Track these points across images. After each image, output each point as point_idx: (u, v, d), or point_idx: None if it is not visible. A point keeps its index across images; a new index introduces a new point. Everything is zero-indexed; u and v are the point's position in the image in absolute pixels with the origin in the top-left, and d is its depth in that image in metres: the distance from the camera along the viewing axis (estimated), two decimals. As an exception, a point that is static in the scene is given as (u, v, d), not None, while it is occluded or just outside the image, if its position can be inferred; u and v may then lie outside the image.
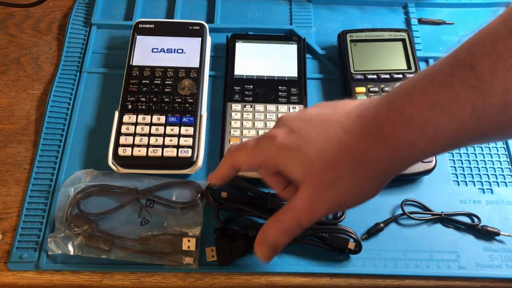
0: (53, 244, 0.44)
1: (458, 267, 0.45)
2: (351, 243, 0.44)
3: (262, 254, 0.36)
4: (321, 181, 0.32)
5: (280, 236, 0.35)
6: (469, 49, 0.28)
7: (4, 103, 0.55)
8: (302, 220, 0.34)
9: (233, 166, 0.38)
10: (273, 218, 0.35)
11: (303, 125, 0.34)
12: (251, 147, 0.36)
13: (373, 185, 0.33)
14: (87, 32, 0.59)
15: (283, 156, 0.34)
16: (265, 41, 0.56)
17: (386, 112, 0.31)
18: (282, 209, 0.35)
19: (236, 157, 0.37)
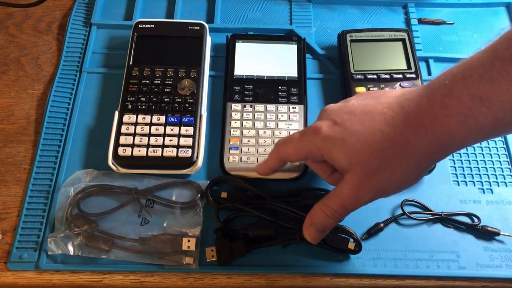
0: (53, 244, 0.44)
1: (458, 267, 0.45)
2: (351, 243, 0.44)
3: (310, 236, 0.39)
4: (366, 169, 0.35)
5: (327, 219, 0.38)
6: (509, 42, 0.29)
7: (4, 103, 0.55)
8: (348, 205, 0.37)
9: (281, 158, 0.41)
10: (320, 203, 0.38)
11: (347, 117, 0.36)
12: (298, 140, 0.39)
13: (415, 172, 0.35)
14: (87, 32, 0.59)
15: (329, 147, 0.36)
16: (265, 41, 0.56)
17: (427, 103, 0.32)
18: (329, 195, 0.37)
19: (284, 150, 0.40)
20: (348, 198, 0.36)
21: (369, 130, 0.35)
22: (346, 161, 0.36)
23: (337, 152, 0.36)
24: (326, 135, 0.37)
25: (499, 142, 0.52)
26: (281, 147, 0.41)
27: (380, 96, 0.37)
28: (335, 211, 0.37)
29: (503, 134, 0.35)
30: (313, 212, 0.38)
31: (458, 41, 0.59)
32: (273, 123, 0.50)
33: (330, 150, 0.36)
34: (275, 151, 0.42)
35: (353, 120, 0.36)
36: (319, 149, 0.37)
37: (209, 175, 0.49)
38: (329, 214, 0.37)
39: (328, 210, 0.37)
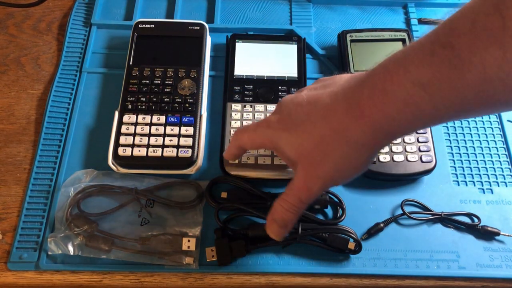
0: (53, 244, 0.44)
1: (458, 267, 0.45)
2: (351, 243, 0.44)
3: (273, 233, 0.39)
4: (310, 160, 0.35)
5: (286, 213, 0.38)
6: (450, 27, 0.29)
7: (4, 103, 0.55)
8: (303, 197, 0.37)
9: (240, 146, 0.42)
10: (278, 199, 0.38)
11: (294, 109, 0.37)
12: (252, 131, 0.40)
13: (360, 160, 0.35)
14: (87, 32, 0.59)
15: (277, 141, 0.37)
16: (265, 41, 0.56)
17: (368, 89, 0.32)
18: (286, 189, 0.38)
19: (241, 138, 0.41)
20: (301, 190, 0.37)
21: (312, 120, 0.35)
22: (293, 153, 0.36)
23: (284, 145, 0.37)
24: (274, 128, 0.37)
25: (499, 142, 0.52)
26: (238, 135, 0.42)
27: (329, 84, 0.37)
28: (292, 204, 0.37)
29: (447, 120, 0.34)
30: (273, 209, 0.39)
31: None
32: (273, 123, 0.50)
33: (279, 144, 0.37)
34: (233, 139, 0.43)
35: (299, 111, 0.36)
36: (270, 141, 0.38)
37: (209, 175, 0.49)
38: (287, 208, 0.37)
39: (286, 204, 0.37)
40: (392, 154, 0.49)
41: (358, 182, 0.49)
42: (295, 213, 0.38)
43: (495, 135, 0.53)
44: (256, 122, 0.41)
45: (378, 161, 0.48)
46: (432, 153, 0.49)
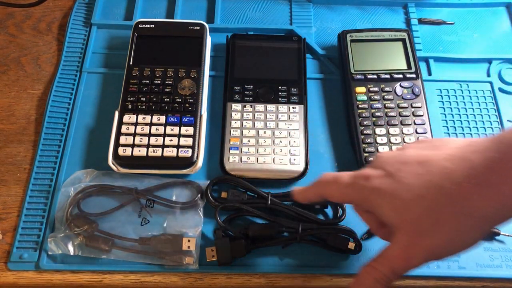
0: (53, 244, 0.44)
1: (458, 267, 0.45)
2: (351, 243, 0.44)
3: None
4: (417, 228, 0.31)
5: (375, 285, 0.34)
6: None
7: (4, 103, 0.55)
8: (397, 269, 0.33)
9: (321, 196, 0.38)
10: (367, 266, 0.34)
11: (399, 168, 0.33)
12: (345, 184, 0.36)
13: (474, 234, 0.31)
14: (87, 32, 0.59)
15: (377, 200, 0.33)
16: (265, 41, 0.56)
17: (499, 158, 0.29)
18: (377, 257, 0.34)
19: (328, 189, 0.37)
20: (398, 260, 0.33)
21: (424, 184, 0.31)
22: (396, 217, 0.32)
23: (386, 206, 0.33)
24: (374, 186, 0.33)
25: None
26: (325, 185, 0.38)
27: (440, 146, 0.33)
28: (384, 275, 0.33)
29: None
30: (360, 276, 0.35)
31: (458, 41, 0.59)
32: (273, 123, 0.50)
33: (379, 204, 0.33)
34: (317, 186, 0.39)
35: (406, 171, 0.32)
36: (366, 199, 0.34)
37: (209, 175, 0.49)
38: (377, 278, 0.33)
39: (377, 274, 0.33)
40: (392, 154, 0.49)
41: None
42: (384, 285, 0.34)
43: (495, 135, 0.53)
44: (347, 174, 0.36)
45: None
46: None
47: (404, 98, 0.51)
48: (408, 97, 0.51)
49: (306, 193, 0.40)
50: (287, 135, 0.50)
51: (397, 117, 0.50)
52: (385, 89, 0.52)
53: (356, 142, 0.49)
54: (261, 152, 0.49)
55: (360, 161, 0.48)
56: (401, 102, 0.51)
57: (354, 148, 0.50)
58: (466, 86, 0.56)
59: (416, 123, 0.50)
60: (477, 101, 0.55)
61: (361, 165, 0.48)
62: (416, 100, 0.51)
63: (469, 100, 0.55)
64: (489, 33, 0.60)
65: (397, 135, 0.50)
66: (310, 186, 0.39)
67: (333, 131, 0.53)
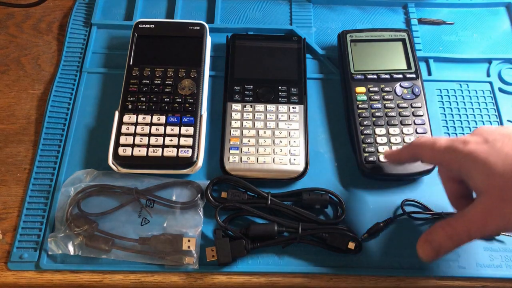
0: (53, 244, 0.44)
1: (458, 267, 0.45)
2: (351, 243, 0.44)
3: (423, 253, 0.37)
4: (503, 194, 0.32)
5: (446, 240, 0.35)
6: None
7: (4, 103, 0.55)
8: (473, 230, 0.34)
9: (414, 155, 0.40)
10: (443, 222, 0.35)
11: (499, 137, 0.34)
12: (442, 147, 0.37)
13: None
14: (87, 32, 0.59)
15: (469, 163, 0.34)
16: (265, 41, 0.56)
17: None
18: (455, 215, 0.35)
19: (422, 150, 0.39)
20: (475, 222, 0.34)
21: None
22: (484, 181, 0.33)
23: (476, 170, 0.34)
24: (471, 150, 0.34)
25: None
26: (421, 147, 0.39)
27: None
28: (458, 233, 0.35)
29: None
30: (432, 229, 0.36)
31: (458, 41, 0.59)
32: (273, 123, 0.50)
33: (470, 167, 0.34)
34: (412, 146, 0.40)
35: (505, 142, 0.33)
36: (459, 161, 0.35)
37: (209, 175, 0.49)
38: (450, 234, 0.35)
39: (450, 231, 0.35)
40: (392, 154, 0.49)
41: (358, 182, 0.49)
42: (455, 244, 0.35)
43: (495, 135, 0.53)
44: (444, 138, 0.37)
45: (378, 160, 0.48)
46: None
47: (404, 98, 0.51)
48: (408, 97, 0.51)
49: (399, 154, 0.42)
50: (287, 135, 0.50)
51: (397, 117, 0.50)
52: (385, 89, 0.52)
53: (356, 142, 0.49)
54: (261, 152, 0.49)
55: (360, 161, 0.48)
56: (401, 102, 0.51)
57: (354, 148, 0.50)
58: (466, 86, 0.56)
59: (416, 123, 0.50)
60: (477, 101, 0.55)
61: (361, 166, 0.48)
62: (416, 100, 0.51)
63: (469, 100, 0.55)
64: (489, 33, 0.60)
65: (397, 135, 0.50)
66: (404, 147, 0.41)
67: (333, 131, 0.53)
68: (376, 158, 0.48)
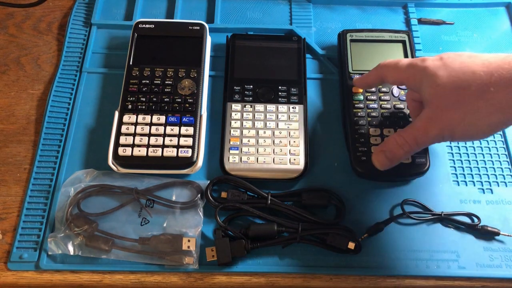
0: (53, 244, 0.44)
1: (458, 267, 0.45)
2: (351, 243, 0.44)
3: (378, 162, 0.42)
4: (442, 102, 0.36)
5: (397, 149, 0.40)
6: None
7: (4, 103, 0.55)
8: (418, 137, 0.38)
9: (380, 77, 0.43)
10: (395, 133, 0.40)
11: (453, 56, 0.38)
12: (402, 64, 0.41)
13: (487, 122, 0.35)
14: (87, 32, 0.59)
15: (422, 77, 0.38)
16: (265, 41, 0.56)
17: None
18: (406, 127, 0.40)
19: (387, 70, 0.42)
20: (419, 130, 0.38)
21: (464, 69, 0.36)
22: (429, 92, 0.37)
23: (426, 82, 0.37)
24: (426, 65, 0.38)
25: (499, 142, 0.52)
26: (384, 66, 0.42)
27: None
28: (406, 141, 0.39)
29: None
30: (386, 140, 0.41)
31: (458, 41, 0.59)
32: (273, 123, 0.50)
33: (422, 80, 0.38)
34: (377, 69, 0.43)
35: (456, 59, 0.37)
36: (415, 77, 0.39)
37: (209, 175, 0.49)
38: (400, 143, 0.39)
39: (400, 140, 0.39)
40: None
41: (358, 182, 0.49)
42: (405, 152, 0.40)
43: (495, 135, 0.53)
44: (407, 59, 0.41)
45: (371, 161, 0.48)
46: (426, 155, 0.48)
47: (401, 100, 0.51)
48: (404, 99, 0.51)
49: (366, 77, 0.45)
50: (287, 135, 0.50)
51: (392, 118, 0.50)
52: (382, 89, 0.52)
53: (350, 141, 0.49)
54: (261, 152, 0.49)
55: (353, 161, 0.48)
56: (397, 103, 0.51)
57: (348, 147, 0.50)
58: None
59: (413, 124, 0.50)
60: (477, 101, 0.55)
61: (355, 165, 0.48)
62: (414, 101, 0.51)
63: (469, 100, 0.55)
64: (489, 33, 0.60)
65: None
66: (370, 72, 0.45)
67: (333, 131, 0.53)
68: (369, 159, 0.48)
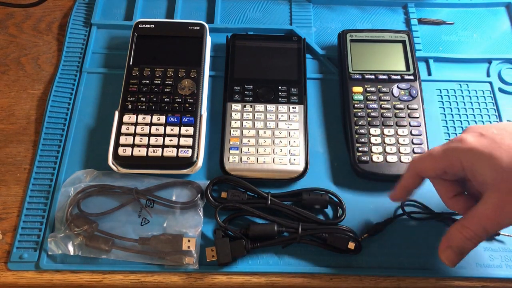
0: (53, 244, 0.44)
1: (458, 267, 0.45)
2: (351, 243, 0.44)
3: (447, 260, 0.37)
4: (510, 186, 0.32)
5: (466, 242, 0.36)
6: None
7: (4, 103, 0.55)
8: (488, 227, 0.34)
9: (418, 174, 0.39)
10: (457, 224, 0.36)
11: (496, 131, 0.34)
12: (437, 152, 0.37)
13: None
14: (87, 32, 0.59)
15: (473, 159, 0.34)
16: (265, 41, 0.56)
17: None
18: (467, 216, 0.35)
19: (422, 163, 0.38)
20: (489, 219, 0.34)
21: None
22: (492, 176, 0.33)
23: (482, 165, 0.33)
24: (471, 146, 0.34)
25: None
26: (418, 161, 0.39)
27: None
28: (475, 233, 0.35)
29: None
30: (449, 234, 0.37)
31: (458, 41, 0.59)
32: (273, 123, 0.50)
33: (474, 163, 0.34)
34: (411, 168, 0.39)
35: (504, 134, 0.33)
36: (460, 161, 0.35)
37: (209, 175, 0.49)
38: (468, 236, 0.35)
39: (467, 233, 0.35)
40: (385, 154, 0.49)
41: (358, 182, 0.49)
42: (475, 243, 0.36)
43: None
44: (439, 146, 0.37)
45: (371, 161, 0.48)
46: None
47: (401, 100, 0.51)
48: (404, 99, 0.51)
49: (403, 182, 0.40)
50: (287, 135, 0.50)
51: (392, 118, 0.50)
52: (382, 89, 0.52)
53: (350, 141, 0.49)
54: (261, 152, 0.49)
55: (353, 161, 0.48)
56: (397, 103, 0.51)
57: (348, 147, 0.50)
58: (466, 86, 0.56)
59: (412, 124, 0.50)
60: (477, 101, 0.55)
61: (354, 165, 0.48)
62: (412, 102, 0.51)
63: (469, 100, 0.55)
64: (489, 33, 0.60)
65: (392, 136, 0.49)
66: (404, 175, 0.40)
67: (333, 131, 0.53)
68: (369, 158, 0.48)
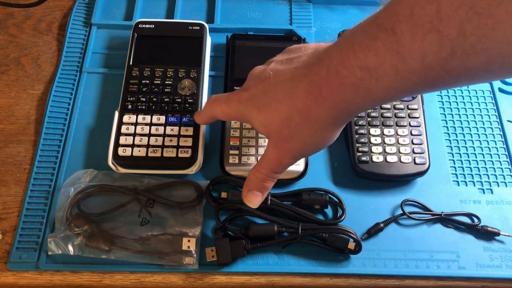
0: (53, 244, 0.44)
1: (458, 267, 0.45)
2: (351, 243, 0.44)
3: (250, 201, 0.42)
4: (280, 136, 0.37)
5: (261, 183, 0.41)
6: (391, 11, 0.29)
7: (4, 103, 0.55)
8: (275, 168, 0.39)
9: (212, 116, 0.44)
10: (253, 169, 0.41)
11: (262, 86, 0.38)
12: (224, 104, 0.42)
13: (325, 136, 0.37)
14: (87, 32, 0.59)
15: (248, 117, 0.39)
16: (265, 41, 0.56)
17: (325, 71, 0.33)
18: (259, 161, 0.40)
19: (214, 110, 0.43)
20: (273, 161, 0.39)
21: (279, 98, 0.36)
22: (263, 130, 0.38)
23: (255, 121, 0.38)
24: (245, 104, 0.39)
25: (499, 142, 0.52)
26: (211, 105, 0.43)
27: (294, 58, 0.38)
28: (266, 174, 0.40)
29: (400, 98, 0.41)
30: (248, 179, 0.41)
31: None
32: (273, 123, 0.50)
33: (249, 119, 0.39)
34: (206, 107, 0.44)
35: (267, 88, 0.37)
36: (242, 116, 0.40)
37: (209, 175, 0.49)
38: (261, 178, 0.40)
39: (260, 175, 0.40)
40: (385, 154, 0.49)
41: (358, 182, 0.49)
42: (270, 182, 0.41)
43: (495, 135, 0.53)
44: (228, 94, 0.42)
45: (371, 161, 0.48)
46: (426, 155, 0.49)
47: (401, 100, 0.51)
48: (404, 99, 0.51)
49: (201, 115, 0.46)
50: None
51: (392, 118, 0.50)
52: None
53: (350, 141, 0.49)
54: (261, 152, 0.49)
55: (353, 161, 0.48)
56: (397, 103, 0.51)
57: (348, 147, 0.50)
58: (466, 86, 0.56)
59: (412, 124, 0.50)
60: (477, 101, 0.55)
61: (354, 166, 0.48)
62: (412, 102, 0.51)
63: (468, 100, 0.55)
64: (489, 33, 0.60)
65: (392, 136, 0.49)
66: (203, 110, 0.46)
67: (333, 131, 0.53)
68: (369, 158, 0.48)
